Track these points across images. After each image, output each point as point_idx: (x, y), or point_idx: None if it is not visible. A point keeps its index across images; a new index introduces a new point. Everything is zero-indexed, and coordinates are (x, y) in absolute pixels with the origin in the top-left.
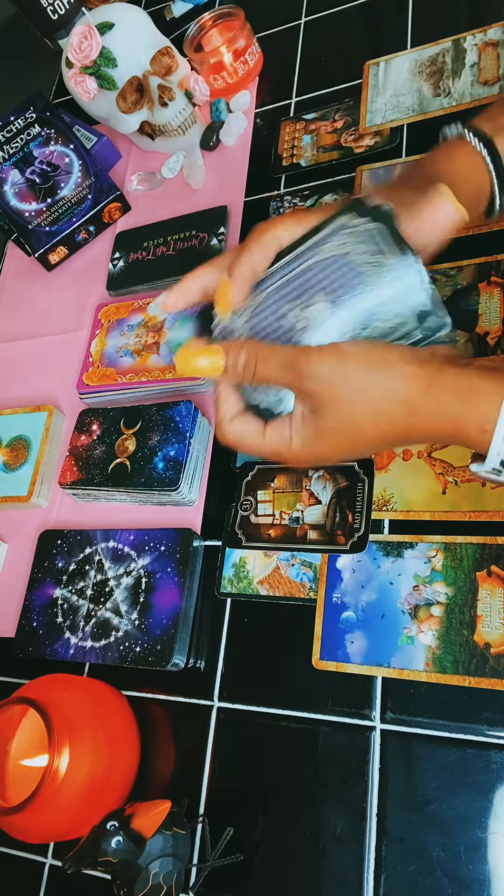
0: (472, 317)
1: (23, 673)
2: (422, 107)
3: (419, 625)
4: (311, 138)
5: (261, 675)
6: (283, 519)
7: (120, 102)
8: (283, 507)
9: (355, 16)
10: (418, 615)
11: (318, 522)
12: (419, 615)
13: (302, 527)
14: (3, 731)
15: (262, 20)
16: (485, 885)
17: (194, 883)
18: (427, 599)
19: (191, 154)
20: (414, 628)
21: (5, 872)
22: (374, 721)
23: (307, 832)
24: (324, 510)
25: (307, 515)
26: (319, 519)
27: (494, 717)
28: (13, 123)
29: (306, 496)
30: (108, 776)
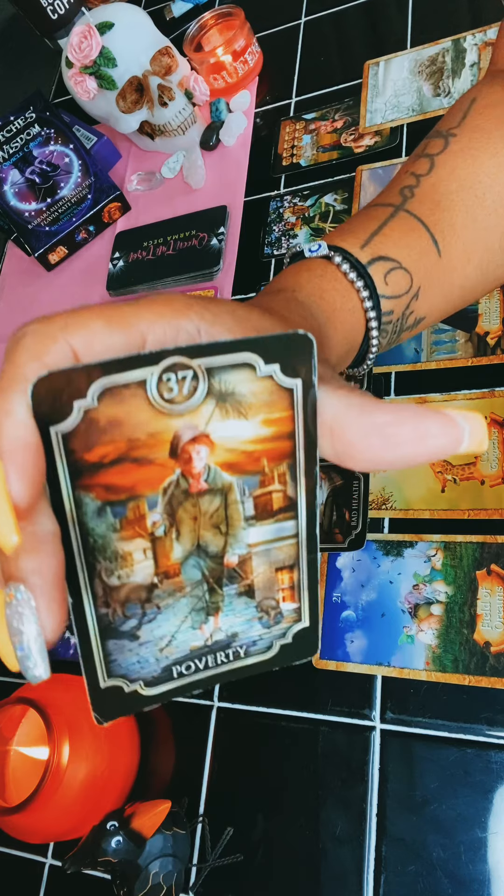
0: (471, 317)
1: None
2: (422, 107)
3: (419, 624)
4: (310, 138)
5: (261, 675)
6: None
7: (120, 102)
8: None
9: (355, 16)
10: (418, 614)
11: None
12: (419, 614)
13: None
14: (3, 731)
15: (262, 20)
16: (485, 885)
17: (194, 883)
18: (427, 598)
19: (191, 154)
20: (414, 627)
21: (5, 872)
22: (374, 721)
23: (307, 832)
24: (321, 509)
25: None
26: None
27: (494, 716)
28: (13, 123)
29: None
30: (108, 776)
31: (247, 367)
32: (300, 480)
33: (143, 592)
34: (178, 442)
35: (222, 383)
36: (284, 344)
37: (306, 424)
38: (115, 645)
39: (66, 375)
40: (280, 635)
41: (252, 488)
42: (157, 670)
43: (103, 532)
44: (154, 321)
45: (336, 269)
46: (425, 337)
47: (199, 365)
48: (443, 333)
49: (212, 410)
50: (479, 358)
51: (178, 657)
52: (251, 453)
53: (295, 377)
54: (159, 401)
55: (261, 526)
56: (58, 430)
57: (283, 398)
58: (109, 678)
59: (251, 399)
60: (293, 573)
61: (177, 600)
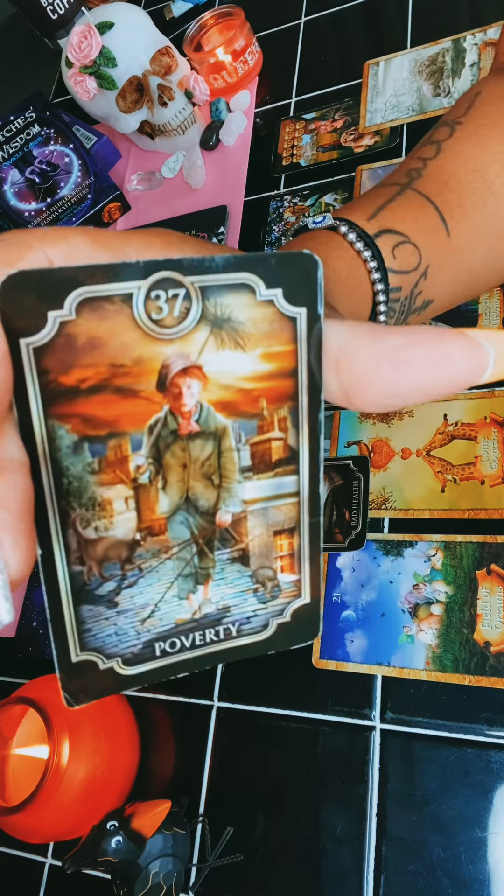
0: (471, 317)
1: (23, 673)
2: (422, 106)
3: (419, 623)
4: (310, 138)
5: (261, 674)
6: None
7: (120, 102)
8: None
9: (355, 16)
10: (418, 614)
11: None
12: (419, 614)
13: None
14: (3, 731)
15: (262, 20)
16: (485, 885)
17: (194, 883)
18: (427, 598)
19: (190, 154)
20: (414, 627)
21: (5, 872)
22: (374, 721)
23: (307, 832)
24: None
25: None
26: None
27: (494, 716)
28: (13, 123)
29: None
30: (108, 776)
31: (246, 290)
32: (302, 428)
33: (124, 550)
34: (167, 373)
35: (218, 307)
36: (289, 265)
37: (310, 362)
38: (89, 611)
39: (38, 277)
40: (277, 612)
41: (249, 434)
42: (138, 646)
43: (79, 473)
44: (144, 249)
45: (342, 238)
46: None
47: (193, 283)
48: None
49: (205, 339)
50: None
51: (161, 631)
52: (249, 392)
53: (299, 305)
54: (147, 321)
55: (258, 480)
56: (28, 343)
57: (286, 329)
58: (82, 651)
59: (250, 328)
60: (293, 539)
61: (161, 563)
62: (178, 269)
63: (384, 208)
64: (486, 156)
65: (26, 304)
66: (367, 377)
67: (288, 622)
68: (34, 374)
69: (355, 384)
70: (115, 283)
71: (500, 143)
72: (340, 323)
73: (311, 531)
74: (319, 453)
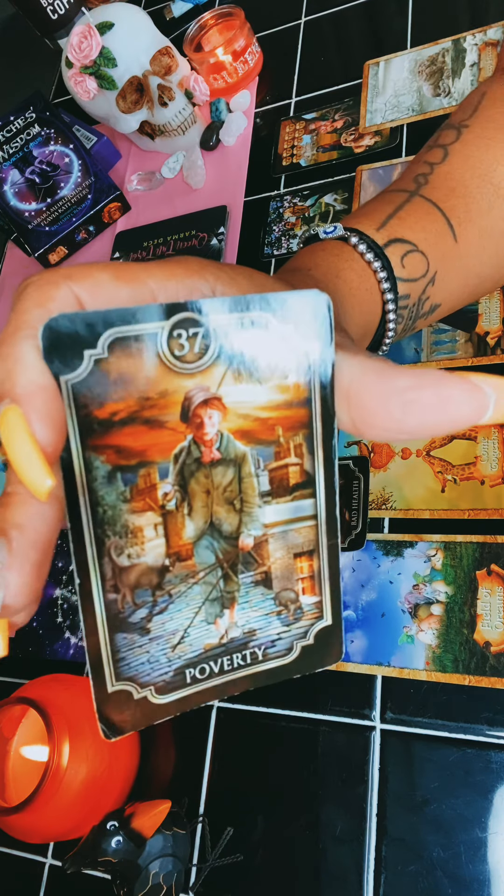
0: (471, 317)
1: (23, 673)
2: (422, 107)
3: (419, 624)
4: (310, 138)
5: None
6: None
7: (120, 102)
8: None
9: (355, 16)
10: (418, 614)
11: None
12: (419, 614)
13: None
14: (3, 731)
15: (262, 20)
16: (485, 885)
17: (194, 883)
18: (427, 598)
19: (191, 154)
20: (414, 627)
21: (5, 872)
22: (374, 721)
23: (307, 832)
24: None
25: None
26: None
27: (494, 716)
28: (13, 123)
29: None
30: (108, 776)
31: (260, 327)
32: (318, 453)
33: (155, 576)
34: (189, 404)
35: (234, 343)
36: (300, 304)
37: (323, 391)
38: (123, 640)
39: (74, 321)
40: (301, 635)
41: (267, 460)
42: (170, 673)
43: (113, 501)
44: (165, 280)
45: (352, 249)
46: (425, 337)
47: (212, 322)
48: (443, 333)
49: (223, 372)
50: (479, 358)
51: (191, 657)
52: (265, 420)
53: (311, 340)
54: (170, 357)
55: (277, 504)
56: (68, 380)
57: (300, 362)
58: (118, 681)
59: (264, 362)
60: (312, 560)
61: (189, 587)
62: (197, 310)
63: (393, 217)
64: (493, 159)
65: (65, 343)
66: (375, 413)
67: (311, 644)
68: (73, 408)
69: (365, 418)
70: (141, 325)
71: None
72: (352, 357)
73: (329, 553)
74: (335, 477)
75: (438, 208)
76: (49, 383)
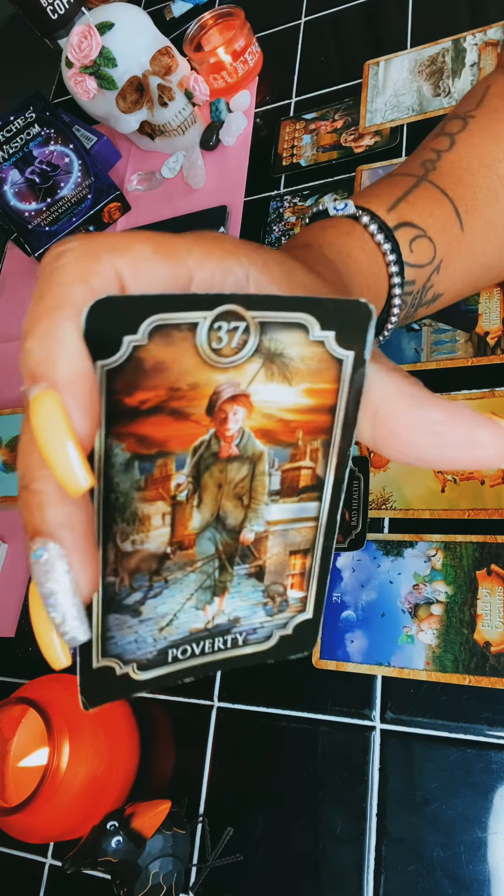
0: (471, 317)
1: (23, 673)
2: (422, 106)
3: (419, 624)
4: (310, 138)
5: (261, 674)
6: None
7: (120, 102)
8: None
9: (355, 16)
10: (418, 614)
11: None
12: (419, 614)
13: None
14: (3, 731)
15: (262, 20)
16: (485, 885)
17: (194, 883)
18: (427, 598)
19: (191, 154)
20: (414, 627)
21: (5, 872)
22: (374, 721)
23: (307, 832)
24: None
25: None
26: None
27: (494, 716)
28: (13, 123)
29: None
30: (108, 776)
31: (301, 329)
32: (331, 460)
33: (154, 563)
34: (217, 399)
35: (272, 342)
36: (344, 311)
37: (349, 402)
38: (115, 620)
39: (121, 304)
40: (281, 625)
41: (282, 461)
42: (153, 652)
43: (127, 489)
44: (203, 259)
45: (363, 229)
46: (425, 337)
47: (254, 318)
48: (443, 333)
49: (256, 370)
50: (479, 358)
51: (175, 639)
52: (288, 423)
53: (348, 349)
54: (207, 350)
55: (283, 504)
56: (103, 365)
57: (331, 369)
58: (103, 658)
59: (299, 364)
60: (306, 559)
61: (185, 575)
62: (242, 303)
63: (403, 200)
64: (500, 151)
65: (107, 327)
66: (399, 437)
67: (289, 635)
68: (104, 395)
69: (389, 440)
70: (184, 313)
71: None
72: (387, 375)
73: (323, 553)
74: (343, 483)
75: (447, 195)
76: (90, 370)
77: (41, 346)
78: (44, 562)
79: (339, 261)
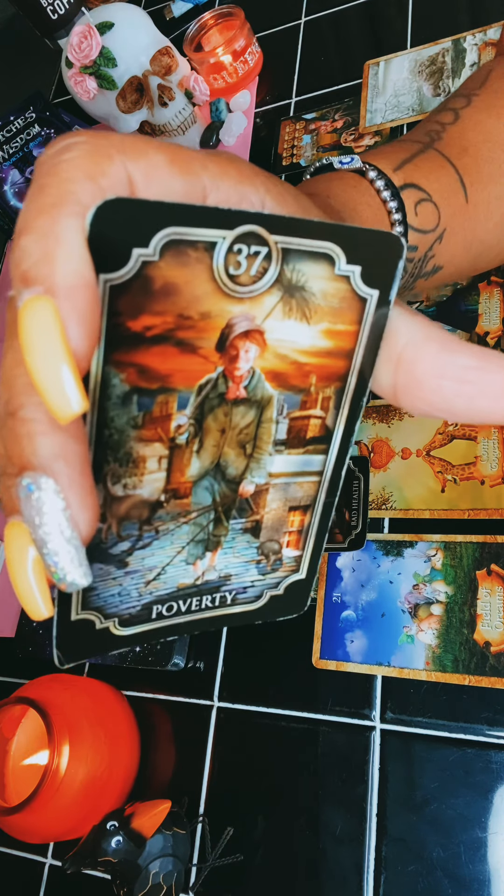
0: (471, 317)
1: (23, 673)
2: (422, 107)
3: (419, 624)
4: (310, 138)
5: (261, 674)
6: None
7: (120, 102)
8: None
9: (355, 16)
10: (418, 614)
11: None
12: (419, 614)
13: None
14: (3, 731)
15: (262, 20)
16: (485, 885)
17: (194, 883)
18: (427, 598)
19: None
20: (414, 627)
21: (5, 872)
22: (374, 721)
23: (307, 832)
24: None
25: None
26: None
27: (494, 716)
28: (13, 123)
29: None
30: (108, 776)
31: (325, 261)
32: (343, 410)
33: (146, 511)
34: (229, 332)
35: (295, 273)
36: (373, 244)
37: (368, 346)
38: (99, 570)
39: (134, 209)
40: (273, 585)
41: (291, 408)
42: (137, 607)
43: (122, 426)
44: (219, 177)
45: (369, 185)
46: None
47: (277, 243)
48: None
49: (274, 304)
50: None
51: (161, 594)
52: (302, 366)
53: (373, 287)
54: (223, 275)
55: (288, 455)
56: (107, 280)
57: (354, 309)
58: (83, 610)
59: (320, 300)
60: (305, 516)
61: (178, 526)
62: (267, 225)
63: (410, 162)
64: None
65: (115, 235)
66: (425, 385)
67: (280, 595)
68: (105, 315)
69: (411, 387)
70: (203, 229)
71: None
72: (413, 318)
73: (324, 510)
74: (352, 437)
75: (452, 164)
76: (93, 280)
77: (39, 244)
78: (35, 499)
79: (345, 213)
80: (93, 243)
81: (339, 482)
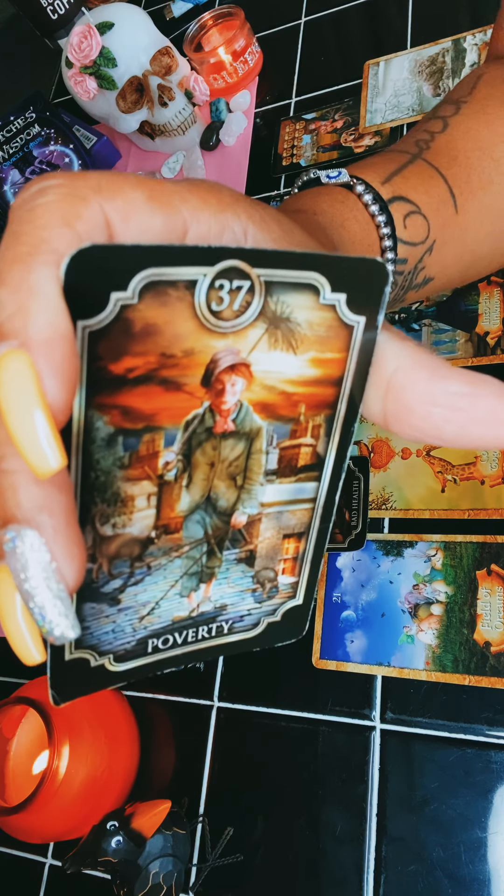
0: (471, 317)
1: (23, 673)
2: (422, 107)
3: (419, 624)
4: (310, 138)
5: (261, 675)
6: None
7: (120, 102)
8: None
9: (355, 16)
10: (418, 614)
11: None
12: (419, 614)
13: None
14: (3, 731)
15: (262, 20)
16: (485, 885)
17: (194, 883)
18: (427, 598)
19: (191, 154)
20: (414, 627)
21: (5, 872)
22: (374, 721)
23: (307, 832)
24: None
25: None
26: None
27: (494, 716)
28: (13, 123)
29: None
30: (108, 776)
31: (310, 290)
32: (334, 437)
33: (137, 548)
34: (214, 368)
35: (279, 304)
36: (357, 271)
37: (357, 372)
38: (91, 609)
39: (110, 254)
40: (270, 612)
41: (281, 438)
42: (132, 642)
43: (108, 467)
44: (199, 209)
45: (357, 199)
46: (425, 336)
47: (259, 276)
48: (443, 333)
49: (259, 336)
50: (479, 358)
51: (157, 628)
52: (290, 396)
53: (359, 314)
54: (205, 312)
55: (280, 484)
56: (85, 326)
57: (341, 337)
58: (77, 650)
59: (306, 330)
60: (300, 543)
61: (170, 560)
62: (248, 259)
63: (398, 174)
64: (494, 135)
65: (91, 281)
66: (416, 412)
67: (278, 622)
68: (85, 360)
69: (401, 413)
70: (182, 268)
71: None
72: (402, 343)
73: (318, 536)
74: (344, 463)
75: (441, 175)
76: (70, 330)
77: (13, 296)
78: (20, 553)
79: (332, 230)
80: (69, 291)
81: (332, 507)
